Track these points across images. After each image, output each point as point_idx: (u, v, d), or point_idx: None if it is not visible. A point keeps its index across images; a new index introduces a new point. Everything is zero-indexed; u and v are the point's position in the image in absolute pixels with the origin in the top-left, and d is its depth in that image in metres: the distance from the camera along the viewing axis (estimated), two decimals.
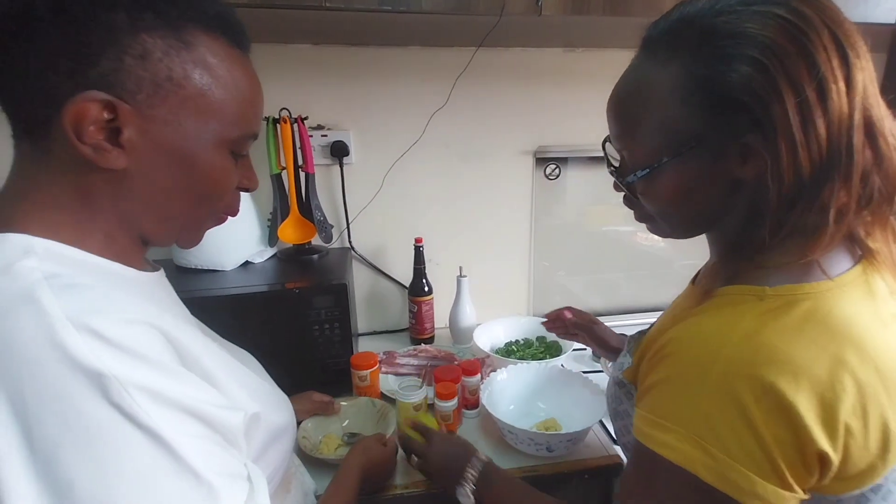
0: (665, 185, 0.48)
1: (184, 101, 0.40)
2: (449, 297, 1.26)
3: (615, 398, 0.60)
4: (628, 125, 0.50)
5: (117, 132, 0.38)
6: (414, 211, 1.29)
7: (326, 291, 0.98)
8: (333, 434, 0.89)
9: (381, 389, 1.02)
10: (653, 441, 0.43)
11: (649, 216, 0.54)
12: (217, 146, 0.43)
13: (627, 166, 0.51)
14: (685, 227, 0.53)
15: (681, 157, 0.46)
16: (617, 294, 1.51)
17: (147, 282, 0.46)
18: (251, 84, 0.45)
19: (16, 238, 0.37)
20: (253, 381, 0.51)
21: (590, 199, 1.40)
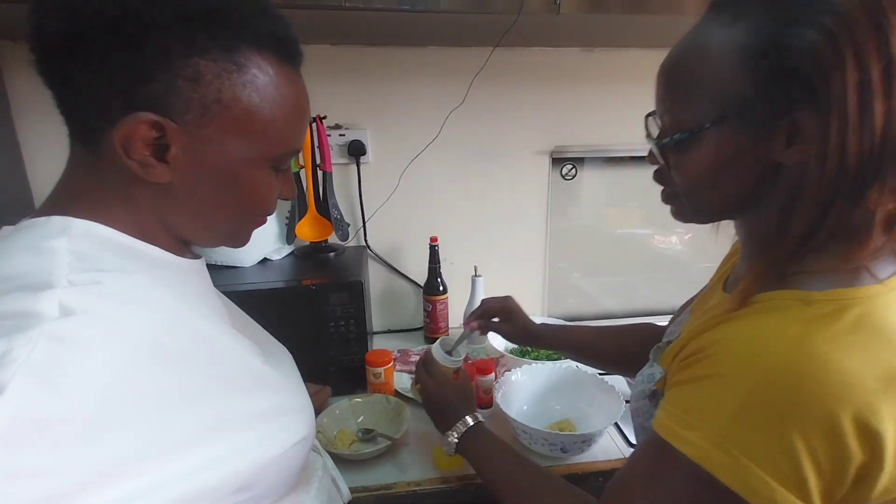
0: (701, 156, 0.45)
1: (231, 121, 0.40)
2: (463, 296, 1.26)
3: (643, 412, 0.56)
4: (677, 85, 0.47)
5: (164, 149, 0.39)
6: (430, 210, 1.29)
7: (342, 288, 0.99)
8: (348, 430, 0.89)
9: (395, 387, 1.03)
10: (673, 435, 0.42)
11: (675, 196, 0.52)
12: (260, 164, 0.43)
13: (667, 132, 0.48)
14: (710, 210, 0.50)
15: (724, 125, 0.43)
16: (633, 296, 1.49)
17: (182, 267, 0.46)
18: (298, 100, 0.44)
19: (57, 220, 0.39)
20: (269, 400, 0.47)
21: (606, 201, 1.39)
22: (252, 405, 0.44)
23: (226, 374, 0.43)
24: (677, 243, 1.48)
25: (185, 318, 0.42)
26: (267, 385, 0.48)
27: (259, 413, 0.44)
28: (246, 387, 0.45)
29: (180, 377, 0.38)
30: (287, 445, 0.46)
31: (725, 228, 0.57)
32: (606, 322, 1.46)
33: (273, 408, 0.47)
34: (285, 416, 0.48)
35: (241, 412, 0.42)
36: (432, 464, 0.84)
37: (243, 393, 0.44)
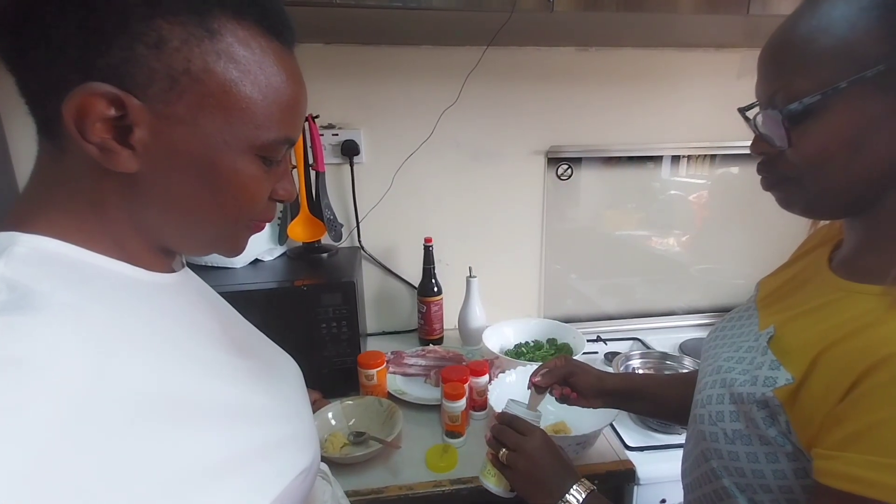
0: (831, 124, 0.40)
1: (203, 98, 0.35)
2: (458, 297, 1.24)
3: (738, 417, 0.47)
4: (796, 54, 0.41)
5: (127, 131, 0.34)
6: (424, 210, 1.28)
7: (334, 289, 0.98)
8: (339, 433, 0.88)
9: (388, 389, 1.01)
10: (884, 488, 0.35)
11: (789, 180, 0.45)
12: (243, 151, 0.37)
13: (786, 103, 0.42)
14: (838, 194, 0.43)
15: (860, 86, 0.38)
16: (631, 298, 1.47)
17: (156, 286, 0.40)
18: (289, 81, 0.38)
19: (2, 236, 0.34)
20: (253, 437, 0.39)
21: (603, 201, 1.38)
22: (226, 448, 0.36)
23: (188, 417, 0.34)
24: (675, 245, 1.47)
25: (141, 361, 0.33)
26: (251, 418, 0.40)
27: (240, 455, 0.36)
28: (221, 426, 0.36)
29: (118, 439, 0.29)
30: (282, 485, 0.39)
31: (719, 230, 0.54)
32: (605, 322, 1.45)
33: (261, 445, 0.39)
34: (280, 449, 0.41)
35: (211, 460, 0.34)
36: (425, 466, 0.82)
37: (215, 435, 0.35)
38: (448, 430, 0.88)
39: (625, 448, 0.89)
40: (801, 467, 0.43)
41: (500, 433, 0.65)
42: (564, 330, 1.20)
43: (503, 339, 1.19)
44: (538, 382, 0.73)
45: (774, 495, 0.45)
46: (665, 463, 0.87)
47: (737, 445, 0.47)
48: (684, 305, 1.50)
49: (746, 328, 0.55)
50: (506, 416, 0.68)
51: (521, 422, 0.66)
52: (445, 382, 0.89)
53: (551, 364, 0.75)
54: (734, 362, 0.51)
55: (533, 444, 0.62)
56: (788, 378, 0.43)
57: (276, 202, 0.44)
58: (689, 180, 1.40)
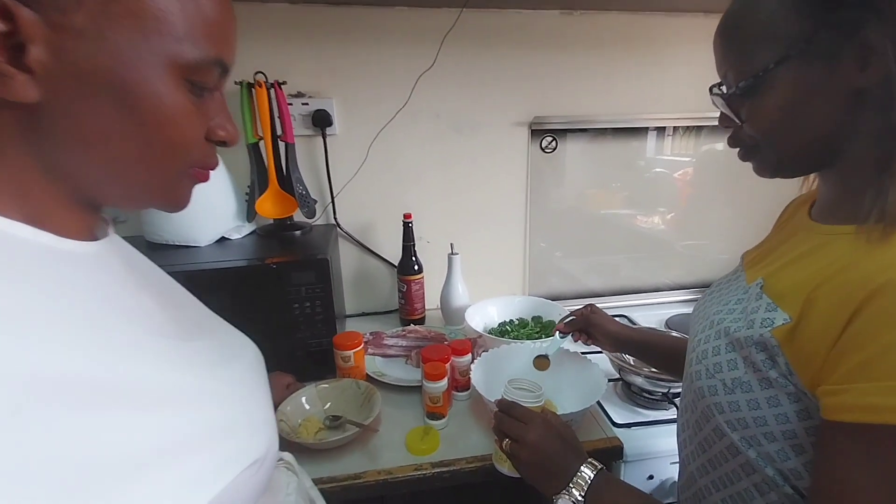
0: (773, 98, 0.44)
1: (108, 3, 0.29)
2: (440, 276, 1.20)
3: (736, 364, 0.46)
4: (734, 40, 0.46)
5: (22, 50, 0.28)
6: (402, 185, 1.22)
7: (307, 267, 0.92)
8: (314, 417, 0.83)
9: (366, 371, 0.97)
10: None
11: (754, 149, 0.49)
12: (165, 72, 0.32)
13: (731, 85, 0.47)
14: (798, 155, 0.47)
15: (788, 63, 0.42)
16: (616, 275, 1.45)
17: (73, 256, 0.33)
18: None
19: None
20: (202, 419, 0.34)
21: (589, 176, 1.33)
22: (156, 437, 0.30)
23: (102, 403, 0.29)
24: (660, 223, 1.44)
25: (37, 342, 0.27)
26: (188, 403, 0.34)
27: (173, 444, 0.31)
28: (147, 412, 0.31)
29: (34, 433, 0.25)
30: (228, 477, 0.34)
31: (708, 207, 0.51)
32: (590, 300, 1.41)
33: (200, 432, 0.34)
34: (226, 437, 0.36)
35: (135, 450, 0.29)
36: (405, 450, 0.78)
37: (139, 422, 0.30)
38: (429, 411, 0.84)
39: (612, 425, 0.87)
40: (804, 408, 0.42)
41: (500, 422, 0.63)
42: (550, 307, 1.16)
43: (487, 317, 1.15)
44: (561, 328, 0.89)
45: (779, 444, 0.43)
46: (652, 439, 0.85)
47: (737, 394, 0.46)
48: (669, 282, 1.48)
49: (734, 285, 0.55)
50: (504, 403, 0.65)
51: (519, 409, 0.62)
52: (426, 362, 0.85)
53: (577, 313, 0.89)
54: (725, 313, 0.51)
55: (534, 433, 0.58)
56: (786, 318, 0.43)
57: (217, 145, 0.38)
58: (673, 158, 1.36)
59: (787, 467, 0.43)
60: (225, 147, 0.39)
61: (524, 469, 0.59)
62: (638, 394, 0.95)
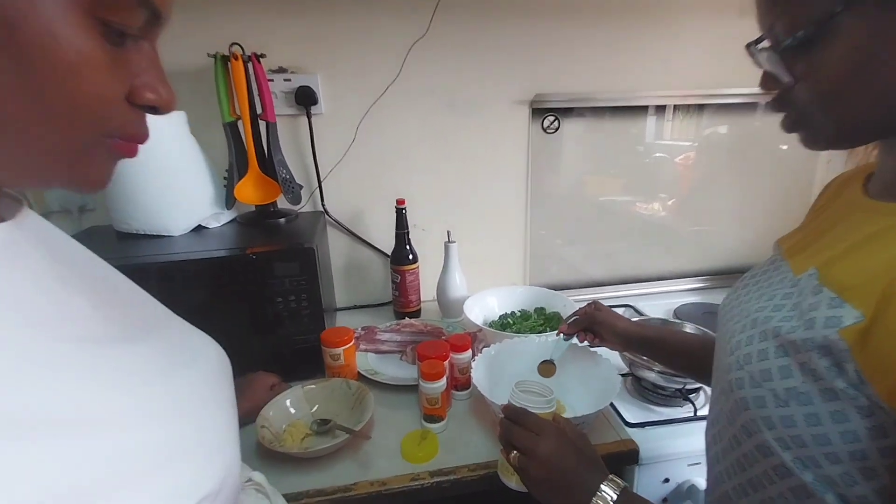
0: (838, 50, 0.36)
1: None
2: (436, 266, 1.12)
3: (791, 371, 0.39)
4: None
5: None
6: (395, 169, 1.14)
7: (290, 257, 0.84)
8: (300, 422, 0.76)
9: (358, 369, 0.89)
10: None
11: (807, 117, 0.41)
12: (65, 6, 0.24)
13: (785, 36, 0.39)
14: (863, 120, 0.39)
15: (859, 6, 0.35)
16: (619, 264, 1.38)
17: None
18: None
19: None
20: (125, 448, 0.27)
21: (588, 166, 1.25)
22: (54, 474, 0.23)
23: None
24: (662, 209, 1.37)
25: None
26: (103, 428, 0.26)
27: (79, 481, 0.24)
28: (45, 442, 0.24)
29: None
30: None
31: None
32: (593, 290, 1.35)
33: (120, 466, 0.26)
34: (160, 469, 0.28)
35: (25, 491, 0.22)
36: (400, 457, 0.71)
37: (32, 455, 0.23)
38: (426, 413, 0.76)
39: (624, 425, 0.80)
40: (878, 425, 0.35)
41: (507, 431, 0.55)
42: (554, 298, 1.09)
43: (487, 309, 1.08)
44: (565, 330, 0.81)
45: (845, 466, 0.36)
46: (668, 440, 0.78)
47: (791, 407, 0.38)
48: (675, 270, 1.41)
49: (776, 278, 0.47)
50: (511, 409, 0.57)
51: (529, 417, 0.55)
52: (422, 360, 0.77)
53: (581, 311, 0.81)
54: (771, 310, 0.43)
55: (546, 446, 0.51)
56: (857, 316, 0.35)
57: (146, 111, 0.30)
58: (674, 143, 1.29)
59: (853, 493, 0.36)
60: (157, 114, 0.31)
61: (534, 486, 0.52)
62: (650, 390, 0.89)
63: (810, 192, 1.40)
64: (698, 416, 0.83)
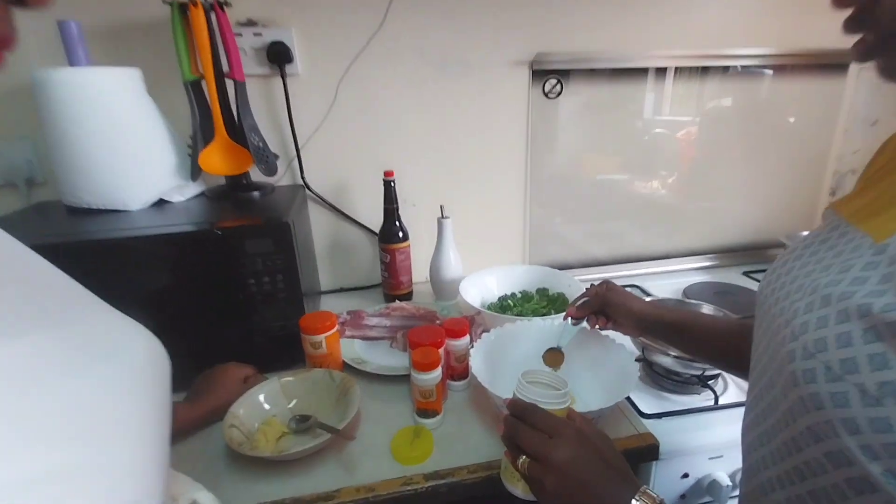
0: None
1: None
2: (429, 243, 1.02)
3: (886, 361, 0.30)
4: None
5: None
6: (381, 137, 1.03)
7: (263, 233, 0.73)
8: (275, 420, 0.66)
9: (343, 358, 0.80)
10: None
11: (892, 38, 0.33)
12: None
13: None
14: None
15: None
16: (622, 242, 1.29)
17: None
18: None
19: None
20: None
21: (599, 131, 1.15)
22: None
23: None
24: (664, 185, 1.28)
25: None
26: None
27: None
28: None
29: None
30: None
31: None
32: (596, 269, 1.27)
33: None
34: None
35: None
36: (390, 457, 0.63)
37: None
38: (420, 408, 0.68)
39: (638, 415, 0.72)
40: None
41: (514, 431, 0.46)
42: (557, 278, 1.00)
43: (485, 290, 0.99)
44: (573, 314, 0.72)
45: None
46: (688, 432, 0.71)
47: (887, 407, 0.29)
48: (681, 248, 1.33)
49: (845, 247, 0.38)
50: (518, 405, 0.48)
51: (540, 414, 0.46)
52: (414, 348, 0.68)
53: (591, 292, 0.72)
54: (848, 285, 0.34)
55: (563, 452, 0.42)
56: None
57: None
58: (674, 118, 1.19)
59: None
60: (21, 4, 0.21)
61: (548, 500, 0.43)
62: (664, 376, 0.81)
63: (825, 164, 1.31)
64: (720, 406, 0.75)
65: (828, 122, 1.27)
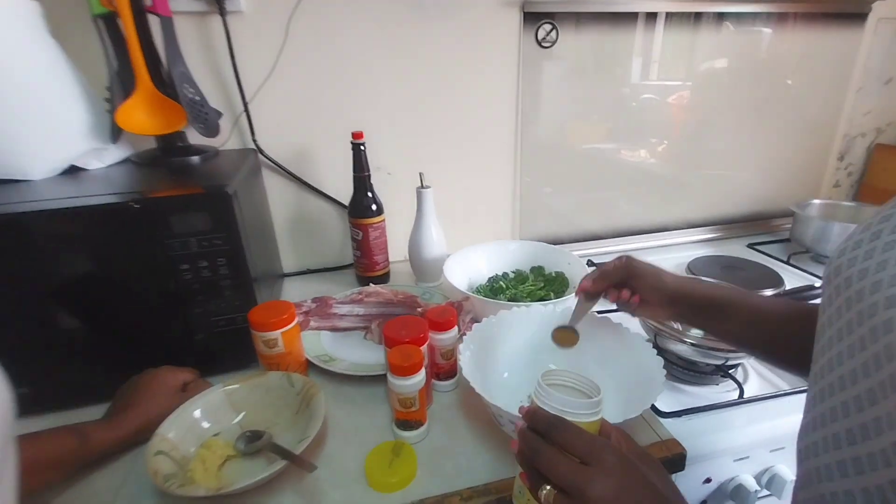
0: None
1: None
2: (408, 217, 0.89)
3: None
4: None
5: None
6: (347, 90, 0.87)
7: (196, 206, 0.58)
8: (217, 441, 0.53)
9: (306, 356, 0.67)
10: None
11: None
12: None
13: None
14: None
15: None
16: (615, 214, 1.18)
17: None
18: None
19: None
20: None
21: (594, 87, 1.02)
22: None
23: None
24: (655, 154, 1.16)
25: None
26: None
27: None
28: None
29: None
30: None
31: None
32: (591, 244, 1.16)
33: None
34: None
35: None
36: (364, 482, 0.51)
37: None
38: (400, 419, 0.55)
39: (655, 415, 0.62)
40: None
41: (536, 452, 0.34)
42: (554, 255, 0.88)
43: (472, 270, 0.87)
44: (588, 287, 0.57)
45: None
46: (712, 434, 0.61)
47: None
48: (681, 220, 1.23)
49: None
50: (541, 418, 0.36)
51: (574, 433, 0.34)
52: (391, 346, 0.55)
53: (609, 265, 0.58)
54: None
55: (606, 486, 0.31)
56: None
57: None
58: (669, 83, 1.07)
59: None
60: None
61: None
62: (678, 365, 0.71)
63: (835, 127, 1.22)
64: (745, 399, 0.65)
65: (839, 81, 1.17)
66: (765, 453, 0.64)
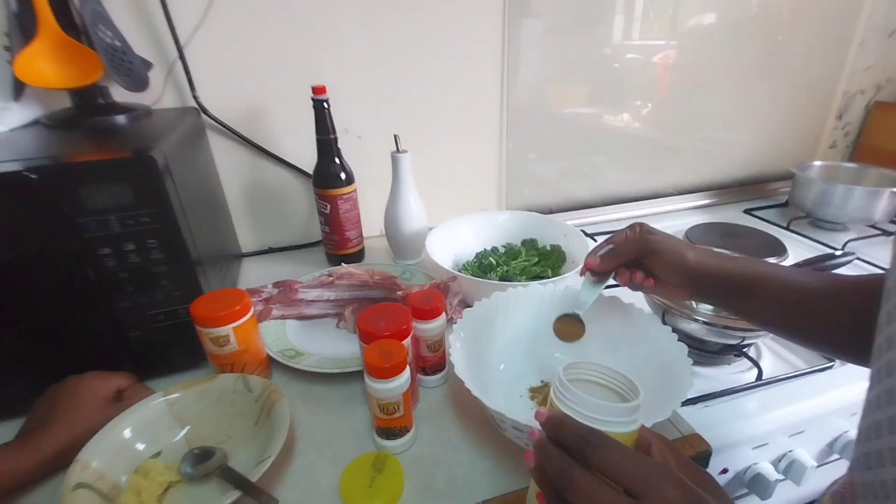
0: None
1: None
2: (383, 187, 0.78)
3: None
4: None
5: None
6: (305, 33, 0.74)
7: (112, 176, 0.46)
8: (156, 464, 0.43)
9: (266, 352, 0.57)
10: None
11: None
12: None
13: None
14: None
15: None
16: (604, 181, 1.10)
17: None
18: None
19: None
20: None
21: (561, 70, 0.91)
22: None
23: None
24: (633, 120, 1.07)
25: None
26: None
27: None
28: None
29: None
30: None
31: None
32: (582, 213, 1.08)
33: None
34: None
35: None
36: (339, 501, 0.42)
37: None
38: (381, 426, 0.47)
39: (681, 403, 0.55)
40: None
41: (564, 479, 0.27)
42: (548, 226, 0.79)
43: (458, 245, 0.77)
44: (595, 265, 0.49)
45: None
46: (729, 422, 0.55)
47: None
48: (674, 185, 1.16)
49: None
50: (566, 429, 0.28)
51: (615, 451, 0.26)
52: (367, 341, 0.46)
53: (619, 237, 0.49)
54: None
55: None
56: None
57: None
58: (654, 42, 0.98)
59: None
60: None
61: None
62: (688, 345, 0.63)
63: (836, 84, 1.15)
64: (765, 381, 0.59)
65: (841, 33, 1.09)
66: (783, 438, 0.59)
